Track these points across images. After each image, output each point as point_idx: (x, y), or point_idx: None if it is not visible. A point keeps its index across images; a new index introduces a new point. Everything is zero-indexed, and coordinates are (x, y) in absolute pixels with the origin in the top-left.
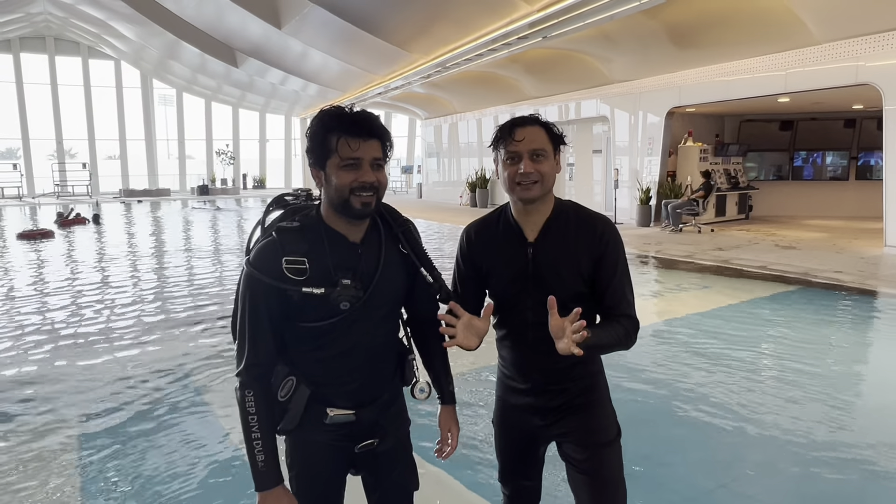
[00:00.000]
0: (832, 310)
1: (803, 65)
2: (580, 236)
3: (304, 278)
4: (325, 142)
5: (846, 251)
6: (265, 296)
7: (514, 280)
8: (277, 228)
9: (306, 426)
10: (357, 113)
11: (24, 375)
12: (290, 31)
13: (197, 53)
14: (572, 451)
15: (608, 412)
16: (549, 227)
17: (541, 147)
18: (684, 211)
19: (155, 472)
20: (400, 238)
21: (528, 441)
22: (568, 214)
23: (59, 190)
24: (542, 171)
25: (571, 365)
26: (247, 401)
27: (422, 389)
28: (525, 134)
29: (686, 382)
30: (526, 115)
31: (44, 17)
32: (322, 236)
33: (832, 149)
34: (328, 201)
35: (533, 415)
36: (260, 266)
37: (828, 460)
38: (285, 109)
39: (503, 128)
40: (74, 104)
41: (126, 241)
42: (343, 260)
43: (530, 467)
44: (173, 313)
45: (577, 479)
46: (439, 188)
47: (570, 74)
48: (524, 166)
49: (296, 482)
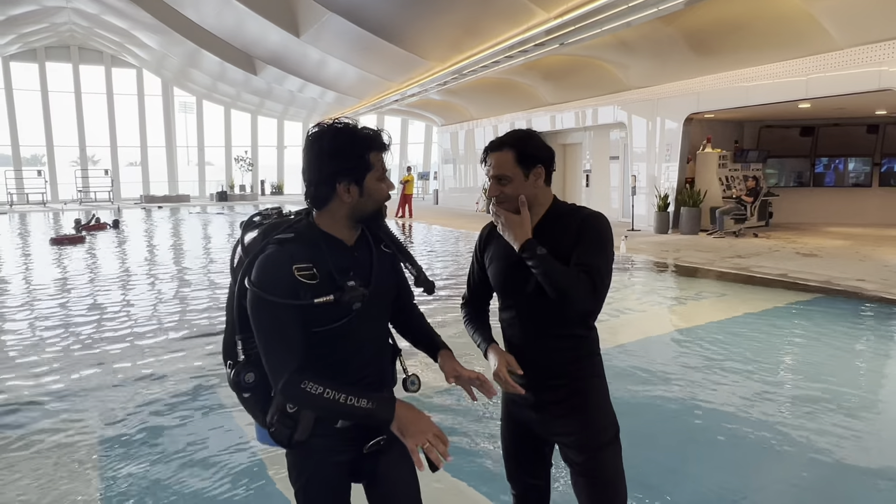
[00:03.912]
0: (854, 319)
1: (825, 70)
2: (566, 235)
3: (315, 283)
4: (363, 158)
5: (869, 259)
6: (286, 309)
7: (507, 276)
8: (278, 240)
9: (315, 434)
10: (378, 131)
11: (46, 378)
12: (309, 39)
13: (217, 62)
14: (571, 455)
15: (606, 413)
16: (541, 227)
17: (502, 173)
18: (731, 215)
19: (174, 475)
20: (382, 237)
21: (527, 436)
22: (560, 217)
23: (82, 196)
24: (507, 193)
25: (566, 360)
26: (308, 388)
27: (412, 382)
28: (492, 159)
29: (703, 391)
30: (502, 137)
31: (68, 27)
32: (320, 243)
33: (854, 155)
34: (351, 212)
35: (531, 409)
36: (269, 282)
37: (848, 473)
38: (303, 116)
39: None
40: (97, 112)
41: (145, 245)
42: (343, 262)
43: (533, 465)
44: (193, 317)
45: (577, 481)
46: (455, 194)
47: (586, 81)
48: (490, 189)
49: (302, 494)
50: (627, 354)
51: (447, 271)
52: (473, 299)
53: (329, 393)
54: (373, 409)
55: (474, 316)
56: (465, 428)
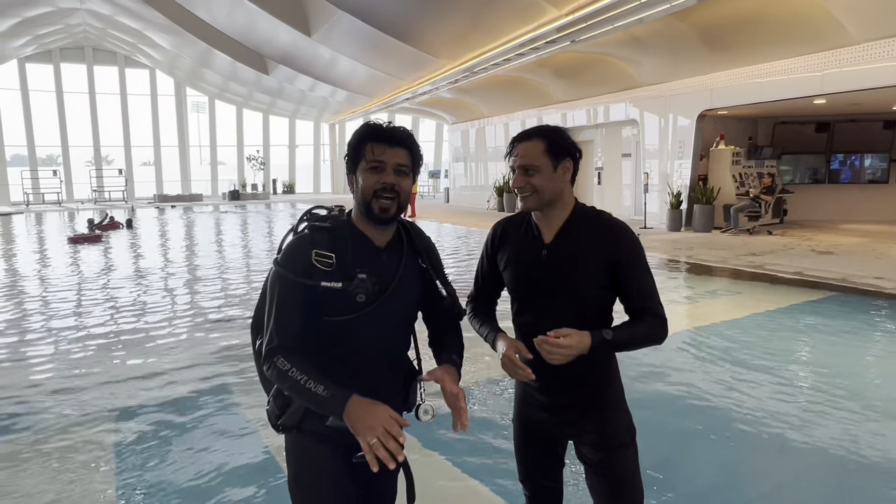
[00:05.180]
0: (871, 317)
1: (840, 65)
2: (595, 241)
3: (329, 270)
4: (358, 148)
5: (886, 256)
6: (293, 288)
7: (528, 278)
8: (310, 226)
9: (307, 428)
10: (389, 126)
11: (58, 371)
12: (320, 38)
13: (229, 61)
14: (588, 453)
15: (623, 414)
16: (565, 231)
17: (531, 163)
18: (746, 213)
19: (184, 467)
20: (421, 252)
21: (543, 438)
22: (585, 220)
23: (97, 196)
24: (533, 184)
25: (586, 362)
26: (278, 363)
27: (426, 411)
28: (520, 150)
29: (717, 390)
30: (531, 129)
31: (83, 29)
32: (349, 236)
33: (871, 151)
34: (357, 205)
35: (545, 412)
36: (288, 262)
37: (864, 474)
38: (314, 115)
39: (511, 141)
40: (111, 112)
41: (158, 243)
42: (365, 259)
43: (547, 466)
44: (204, 313)
45: (593, 480)
46: (466, 192)
47: (598, 78)
48: (515, 180)
49: (294, 482)
50: (640, 352)
51: (455, 270)
52: (481, 298)
53: (294, 372)
54: (325, 397)
55: (480, 311)
56: (479, 426)
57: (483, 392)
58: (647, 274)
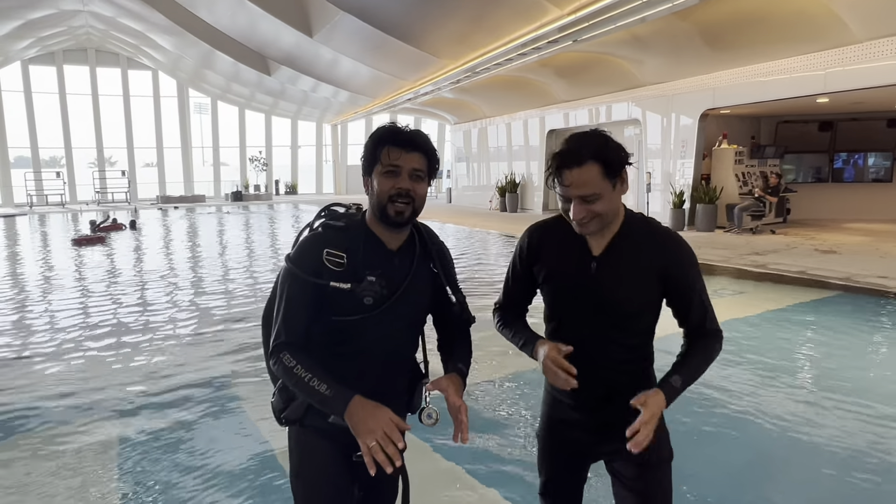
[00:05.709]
0: (875, 316)
1: (843, 64)
2: (649, 253)
3: (339, 270)
4: (373, 152)
5: (890, 255)
6: (302, 285)
7: (575, 293)
8: (324, 224)
9: (309, 423)
10: (406, 130)
11: (63, 372)
12: (322, 39)
13: (231, 62)
14: (622, 468)
15: (663, 427)
16: (615, 244)
17: (590, 192)
18: (749, 212)
19: (189, 466)
20: (433, 257)
21: (576, 457)
22: (637, 229)
23: (100, 197)
24: (595, 211)
25: (629, 378)
26: (284, 359)
27: (429, 415)
28: (572, 178)
29: (721, 389)
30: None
31: (85, 30)
32: (362, 237)
33: (874, 150)
34: (371, 207)
35: (582, 431)
36: (300, 260)
37: (868, 472)
38: (316, 116)
39: (554, 164)
40: (114, 113)
41: (162, 245)
42: (376, 261)
43: (573, 484)
44: (209, 313)
45: (624, 495)
46: (469, 193)
47: (600, 77)
48: (574, 212)
49: (297, 481)
50: None
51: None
52: (510, 306)
53: (298, 369)
54: (328, 396)
55: (511, 320)
56: (496, 432)
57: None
58: (704, 286)
